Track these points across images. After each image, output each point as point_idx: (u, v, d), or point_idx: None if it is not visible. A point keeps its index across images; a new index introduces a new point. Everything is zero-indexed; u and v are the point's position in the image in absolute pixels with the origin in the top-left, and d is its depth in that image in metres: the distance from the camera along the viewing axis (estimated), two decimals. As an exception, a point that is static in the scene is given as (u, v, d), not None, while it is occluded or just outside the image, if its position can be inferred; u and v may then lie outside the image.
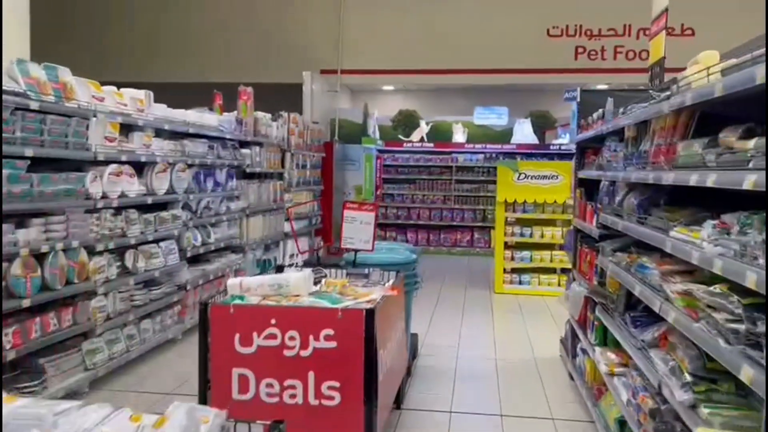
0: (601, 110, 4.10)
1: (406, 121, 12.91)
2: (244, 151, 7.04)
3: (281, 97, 9.97)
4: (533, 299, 8.12)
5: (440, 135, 12.81)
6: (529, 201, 8.32)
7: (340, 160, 10.91)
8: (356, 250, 4.05)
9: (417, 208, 12.67)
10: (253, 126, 7.41)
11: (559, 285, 8.38)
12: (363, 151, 11.21)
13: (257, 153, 7.39)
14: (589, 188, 4.49)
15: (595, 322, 3.73)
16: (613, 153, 3.32)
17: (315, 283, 3.80)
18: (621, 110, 3.61)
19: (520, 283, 8.46)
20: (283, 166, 8.32)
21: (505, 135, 12.54)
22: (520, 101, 12.51)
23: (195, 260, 6.17)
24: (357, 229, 4.00)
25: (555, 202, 8.25)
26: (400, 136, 12.84)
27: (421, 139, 12.68)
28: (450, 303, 7.81)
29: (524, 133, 12.22)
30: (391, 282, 3.66)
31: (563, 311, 7.35)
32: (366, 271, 3.78)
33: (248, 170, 7.08)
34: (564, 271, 8.45)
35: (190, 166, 5.68)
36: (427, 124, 12.71)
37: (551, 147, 11.99)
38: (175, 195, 5.41)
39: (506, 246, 8.51)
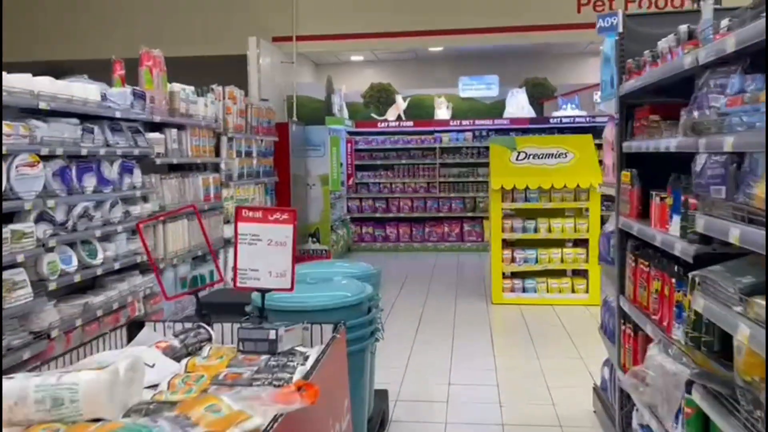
0: (673, 36, 2.45)
1: (380, 97, 11.20)
2: (153, 135, 5.32)
3: (227, 72, 8.21)
4: (541, 311, 6.51)
5: (420, 111, 11.12)
6: (532, 187, 6.68)
7: (300, 145, 9.21)
8: (262, 290, 2.38)
9: (397, 199, 11.01)
10: (168, 102, 5.69)
11: (573, 291, 6.78)
12: (328, 134, 9.51)
13: (174, 138, 5.68)
14: (646, 168, 2.85)
15: (688, 408, 2.11)
16: (735, 96, 1.68)
17: (187, 354, 2.17)
18: (725, 23, 1.97)
19: (524, 290, 6.85)
20: (218, 154, 6.62)
21: (497, 108, 10.88)
22: (513, 67, 10.83)
23: (83, 290, 4.50)
24: (262, 254, 2.34)
25: (565, 186, 6.62)
26: (374, 115, 11.14)
27: (398, 118, 10.99)
28: (436, 324, 6.18)
29: (519, 105, 10.57)
30: (308, 365, 2.00)
31: (583, 329, 5.81)
32: (272, 334, 2.10)
33: (159, 161, 5.38)
34: (577, 273, 6.86)
35: (48, 158, 3.97)
36: (404, 99, 11.01)
37: (551, 121, 10.35)
38: (18, 201, 3.71)
39: (505, 244, 6.89)
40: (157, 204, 5.35)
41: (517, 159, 6.91)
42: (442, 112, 10.82)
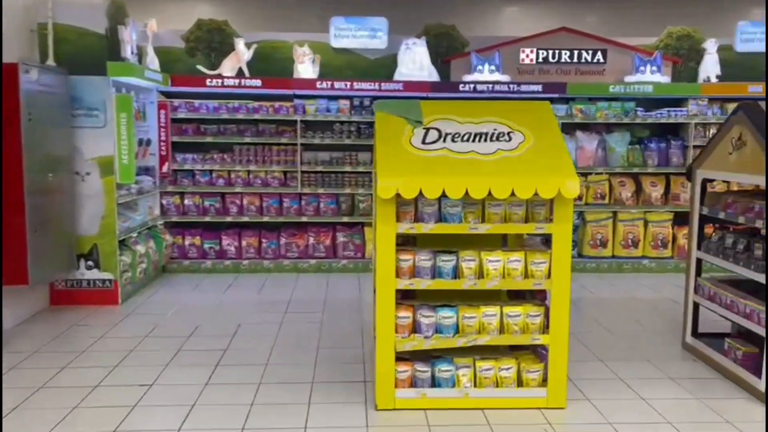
0: None
1: (211, 41, 7.73)
2: None
3: None
4: (465, 423, 3.57)
5: (273, 66, 7.80)
6: (453, 194, 3.64)
7: (59, 106, 5.62)
8: None
9: (238, 195, 7.67)
10: None
11: (521, 385, 3.88)
12: (112, 90, 5.96)
13: None
14: None
15: None
16: None
17: None
18: None
19: (434, 382, 3.85)
20: None
21: (385, 66, 7.82)
22: (408, 9, 7.78)
23: None
24: None
25: (512, 194, 3.64)
26: (201, 68, 7.67)
27: (240, 73, 7.61)
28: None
29: (416, 62, 7.57)
30: None
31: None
32: None
33: None
34: (528, 351, 3.99)
35: None
36: (248, 46, 7.64)
37: (462, 87, 7.46)
38: None
39: (401, 298, 3.86)
40: None
41: (424, 142, 3.86)
42: (306, 69, 7.57)
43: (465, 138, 3.88)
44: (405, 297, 4.00)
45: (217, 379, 4.29)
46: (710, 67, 7.75)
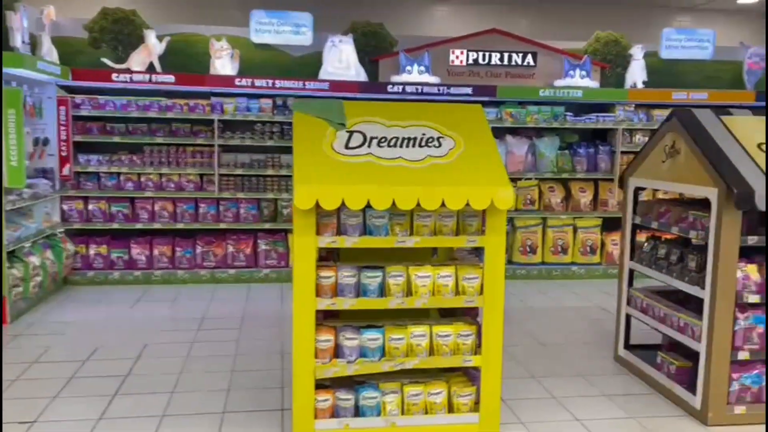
0: None
1: (118, 32, 7.12)
2: None
3: None
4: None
5: (188, 61, 7.28)
6: (378, 205, 3.31)
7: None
8: None
9: (149, 200, 7.09)
10: None
11: (451, 411, 3.60)
12: (-2, 83, 5.31)
13: None
14: None
15: None
16: None
17: None
18: None
19: (358, 411, 3.51)
20: None
21: (310, 64, 7.44)
22: (334, 4, 7.44)
23: None
24: None
25: (442, 205, 3.35)
26: (107, 61, 7.04)
27: (150, 68, 7.04)
28: None
29: (343, 61, 7.22)
30: None
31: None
32: None
33: None
34: (458, 373, 3.73)
35: None
36: (159, 39, 7.08)
37: (391, 88, 7.17)
38: None
39: (322, 318, 3.51)
40: None
41: (347, 146, 3.52)
42: (224, 65, 7.08)
43: (392, 143, 3.57)
44: (327, 317, 3.64)
45: (113, 413, 3.79)
46: (637, 73, 7.79)
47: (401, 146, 3.55)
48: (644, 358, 4.50)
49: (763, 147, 3.84)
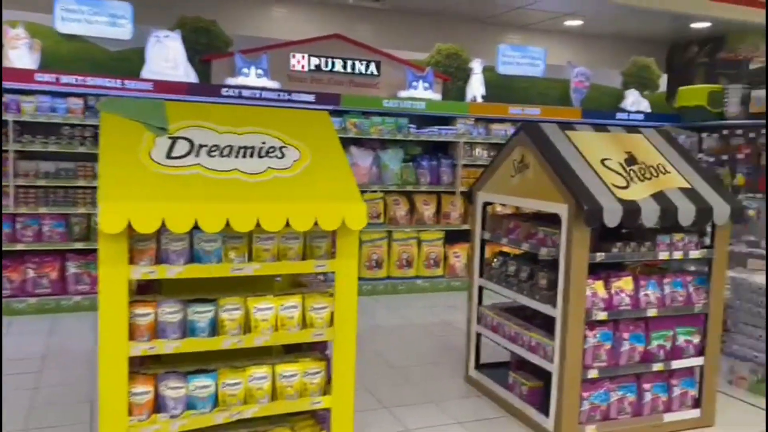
0: None
1: None
2: None
3: None
4: None
5: (-24, 50, 6.10)
6: (208, 227, 2.78)
7: None
8: None
9: None
10: None
11: (299, 463, 3.13)
12: None
13: None
14: None
15: None
16: None
17: None
18: None
19: (186, 476, 2.92)
20: None
21: (130, 60, 6.59)
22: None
23: None
24: None
25: (287, 225, 2.90)
26: None
27: None
28: None
29: (169, 60, 6.48)
30: None
31: None
32: None
33: None
34: (312, 414, 3.28)
35: None
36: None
37: (225, 91, 6.56)
38: None
39: (139, 364, 2.88)
40: None
41: (169, 155, 2.94)
42: (21, 56, 6.01)
43: (225, 152, 3.05)
44: (146, 362, 3.02)
45: None
46: (476, 87, 7.91)
47: (237, 156, 3.05)
48: (495, 378, 4.38)
49: (606, 163, 3.87)
